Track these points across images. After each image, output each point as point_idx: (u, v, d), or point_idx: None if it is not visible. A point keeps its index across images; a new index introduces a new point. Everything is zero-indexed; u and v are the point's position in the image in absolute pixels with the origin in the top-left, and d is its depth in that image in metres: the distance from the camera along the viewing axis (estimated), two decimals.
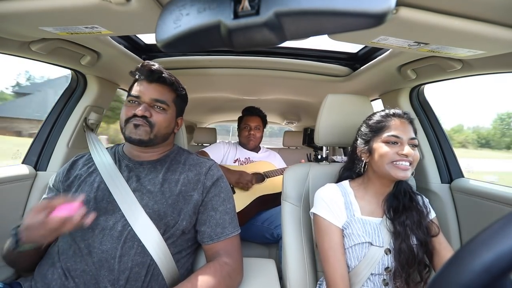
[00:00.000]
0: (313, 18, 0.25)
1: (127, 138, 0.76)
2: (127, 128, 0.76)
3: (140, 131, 0.75)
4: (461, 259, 0.22)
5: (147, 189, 0.75)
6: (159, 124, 0.77)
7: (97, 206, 0.71)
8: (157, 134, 0.78)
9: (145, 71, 0.77)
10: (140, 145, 0.78)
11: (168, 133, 0.83)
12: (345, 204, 0.80)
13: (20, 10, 0.62)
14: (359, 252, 0.76)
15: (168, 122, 0.80)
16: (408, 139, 0.75)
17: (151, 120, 0.76)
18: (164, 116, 0.79)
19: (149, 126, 0.76)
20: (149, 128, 0.76)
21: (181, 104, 0.86)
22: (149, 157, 0.82)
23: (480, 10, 0.58)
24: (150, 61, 0.81)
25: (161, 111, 0.78)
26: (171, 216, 0.73)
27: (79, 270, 0.65)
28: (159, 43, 0.32)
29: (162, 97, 0.78)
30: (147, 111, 0.75)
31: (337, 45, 1.86)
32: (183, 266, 0.76)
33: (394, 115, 0.79)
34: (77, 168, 0.81)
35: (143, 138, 0.75)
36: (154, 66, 0.78)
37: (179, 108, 0.85)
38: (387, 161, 0.74)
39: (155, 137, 0.77)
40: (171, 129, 0.83)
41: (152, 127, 0.76)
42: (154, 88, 0.78)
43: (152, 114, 0.76)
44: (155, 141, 0.78)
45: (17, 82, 28.45)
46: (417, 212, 0.79)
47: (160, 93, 0.78)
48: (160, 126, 0.78)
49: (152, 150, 0.82)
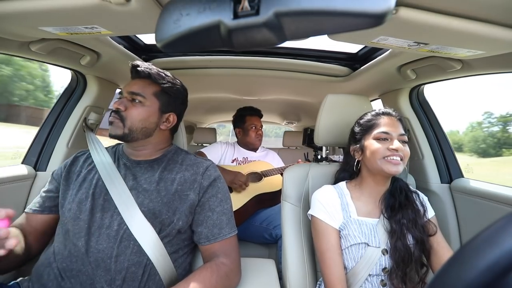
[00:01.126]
0: (313, 18, 0.25)
1: (109, 134, 0.78)
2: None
3: (113, 127, 0.76)
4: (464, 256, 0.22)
5: (143, 187, 0.75)
6: (131, 117, 0.76)
7: (94, 203, 0.72)
8: (131, 127, 0.76)
9: (132, 70, 0.81)
10: (119, 140, 0.79)
11: (148, 128, 0.79)
12: (342, 205, 0.81)
13: (20, 10, 0.62)
14: (355, 253, 0.76)
15: (144, 115, 0.77)
16: (398, 135, 0.77)
17: (123, 114, 0.76)
18: (138, 109, 0.77)
19: (120, 120, 0.76)
20: (121, 123, 0.76)
21: (168, 99, 0.82)
22: (145, 156, 0.82)
23: (480, 10, 0.59)
24: (147, 62, 0.82)
25: (137, 104, 0.78)
26: (166, 214, 0.72)
27: (75, 270, 0.65)
28: (159, 43, 0.31)
29: (138, 90, 0.78)
30: (121, 105, 0.76)
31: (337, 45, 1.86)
32: (180, 266, 0.76)
33: (384, 113, 0.82)
34: (78, 165, 0.82)
35: (117, 133, 0.76)
36: (135, 63, 0.80)
37: (164, 102, 0.81)
38: (378, 157, 0.76)
39: (130, 131, 0.76)
40: (151, 124, 0.79)
41: (123, 121, 0.76)
42: (133, 83, 0.79)
43: (127, 108, 0.77)
44: (132, 136, 0.77)
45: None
46: (413, 210, 0.80)
47: (138, 86, 0.78)
48: (132, 119, 0.76)
49: (143, 147, 0.81)
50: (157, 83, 0.80)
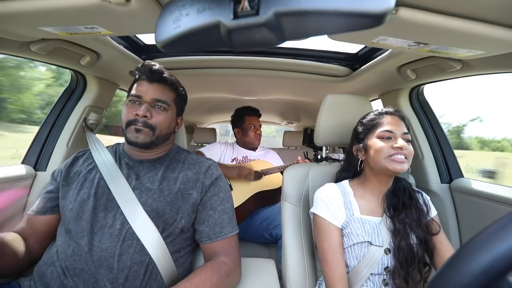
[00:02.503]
0: (312, 18, 0.25)
1: (129, 141, 0.77)
2: (129, 131, 0.76)
3: (142, 135, 0.75)
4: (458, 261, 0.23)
5: (146, 187, 0.75)
6: (160, 125, 0.78)
7: (97, 203, 0.72)
8: (159, 135, 0.78)
9: (146, 71, 0.78)
10: (143, 148, 0.79)
11: (169, 133, 0.83)
12: (344, 204, 0.81)
13: (20, 10, 0.62)
14: (358, 251, 0.76)
15: (169, 122, 0.81)
16: (401, 133, 0.77)
17: (152, 123, 0.76)
18: (165, 116, 0.79)
19: (150, 129, 0.76)
20: (151, 131, 0.76)
21: (181, 104, 0.87)
22: (149, 156, 0.82)
23: (479, 10, 0.59)
24: (150, 61, 0.81)
25: (162, 111, 0.79)
26: (169, 214, 0.73)
27: (78, 269, 0.65)
28: (158, 43, 0.31)
29: (163, 97, 0.78)
30: (148, 112, 0.75)
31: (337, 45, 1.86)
32: (181, 266, 0.76)
33: (386, 112, 0.82)
34: (78, 165, 0.82)
35: (145, 141, 0.76)
36: (155, 66, 0.78)
37: (179, 107, 0.86)
38: (383, 156, 0.76)
39: (157, 138, 0.78)
40: (172, 129, 0.84)
41: (153, 130, 0.77)
42: (155, 88, 0.78)
43: (153, 115, 0.77)
44: (157, 142, 0.79)
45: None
46: (417, 210, 0.79)
47: (161, 93, 0.78)
48: (161, 127, 0.78)
49: (153, 150, 0.83)
50: (176, 89, 0.83)
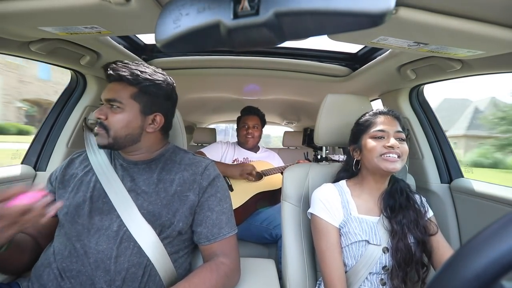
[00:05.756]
0: (312, 18, 0.25)
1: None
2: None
3: (99, 138, 0.73)
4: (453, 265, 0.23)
5: (141, 189, 0.74)
6: (113, 125, 0.72)
7: (92, 206, 0.71)
8: (116, 136, 0.72)
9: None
10: (108, 149, 0.78)
11: (133, 134, 0.74)
12: (342, 203, 0.81)
13: (19, 10, 0.62)
14: (356, 250, 0.76)
15: (126, 121, 0.73)
16: (394, 132, 0.78)
17: (105, 124, 0.72)
18: (118, 116, 0.72)
19: (105, 131, 0.72)
20: (105, 133, 0.72)
21: (150, 99, 0.75)
22: (141, 157, 0.80)
23: (479, 10, 0.59)
24: (147, 62, 0.80)
25: (117, 111, 0.72)
26: (166, 217, 0.72)
27: (75, 271, 0.65)
28: (158, 43, 0.31)
29: (114, 96, 0.72)
30: (101, 113, 0.72)
31: (337, 45, 1.86)
32: (180, 266, 0.76)
33: (380, 112, 0.83)
34: (74, 167, 0.81)
35: (103, 143, 0.73)
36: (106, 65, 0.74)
37: (145, 103, 0.75)
38: (375, 155, 0.77)
39: (115, 140, 0.73)
40: (135, 129, 0.74)
41: (108, 131, 0.72)
42: (108, 88, 0.74)
43: (108, 116, 0.72)
44: (117, 144, 0.74)
45: None
46: (414, 211, 0.80)
47: (114, 91, 0.73)
48: (115, 127, 0.72)
49: (133, 152, 0.79)
50: (133, 84, 0.73)
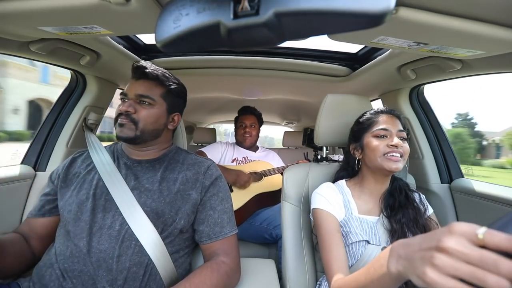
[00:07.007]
0: (312, 18, 0.25)
1: (117, 137, 0.78)
2: (116, 127, 0.77)
3: (125, 129, 0.76)
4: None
5: (145, 187, 0.75)
6: (143, 119, 0.77)
7: (95, 203, 0.72)
8: (144, 129, 0.77)
9: (132, 70, 0.80)
10: (129, 143, 0.79)
11: (158, 129, 0.81)
12: (344, 202, 0.82)
13: (19, 10, 0.62)
14: (356, 250, 0.76)
15: (155, 117, 0.79)
16: (397, 131, 0.78)
17: (135, 117, 0.76)
18: (149, 111, 0.78)
19: (133, 123, 0.76)
20: (134, 125, 0.76)
21: (173, 99, 0.84)
22: (147, 155, 0.82)
23: (480, 10, 0.59)
24: (148, 61, 0.82)
25: (146, 106, 0.78)
26: (169, 214, 0.73)
27: (77, 271, 0.65)
28: (158, 43, 0.31)
29: (146, 92, 0.77)
30: (130, 107, 0.76)
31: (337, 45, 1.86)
32: (181, 266, 0.76)
33: (382, 111, 0.83)
34: (76, 166, 0.81)
35: (129, 135, 0.76)
36: (140, 63, 0.79)
37: (170, 103, 0.83)
38: (379, 154, 0.76)
39: (142, 133, 0.77)
40: (161, 125, 0.82)
41: (136, 124, 0.76)
42: (139, 84, 0.78)
43: (137, 110, 0.77)
44: (143, 138, 0.78)
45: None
46: (414, 209, 0.80)
47: (145, 88, 0.78)
48: (145, 121, 0.77)
49: (147, 148, 0.82)
50: (163, 84, 0.80)
